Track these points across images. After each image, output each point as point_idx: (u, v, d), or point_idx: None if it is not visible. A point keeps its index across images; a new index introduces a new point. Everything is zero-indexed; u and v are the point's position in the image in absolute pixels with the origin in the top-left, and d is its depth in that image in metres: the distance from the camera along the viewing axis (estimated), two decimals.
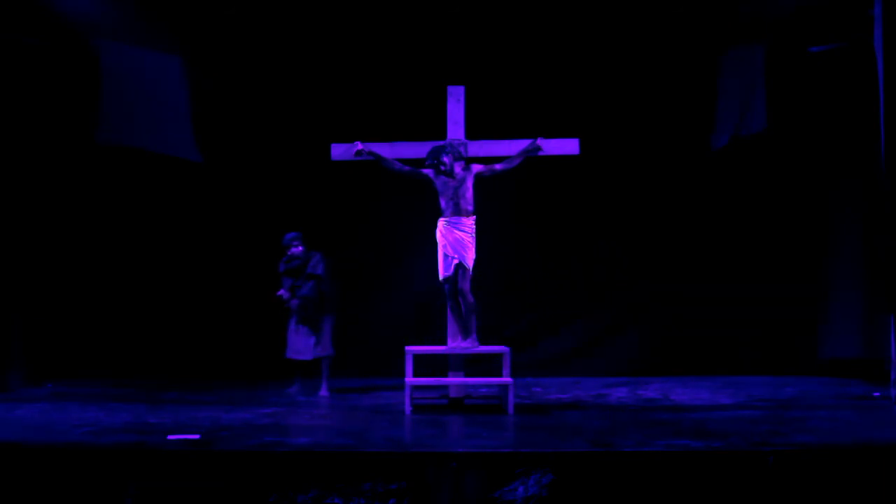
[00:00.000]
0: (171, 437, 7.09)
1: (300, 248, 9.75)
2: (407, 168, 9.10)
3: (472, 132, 9.16)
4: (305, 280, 9.70)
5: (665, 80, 11.06)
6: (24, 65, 10.17)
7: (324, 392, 9.67)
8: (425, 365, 9.34)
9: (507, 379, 8.63)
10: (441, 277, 8.99)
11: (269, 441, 7.00)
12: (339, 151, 9.29)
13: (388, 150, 9.18)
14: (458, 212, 8.86)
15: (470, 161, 9.03)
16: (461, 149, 9.05)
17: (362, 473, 6.44)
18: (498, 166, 9.02)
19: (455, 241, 8.85)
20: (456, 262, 8.86)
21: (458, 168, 8.91)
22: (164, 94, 10.89)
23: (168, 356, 11.42)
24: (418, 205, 10.11)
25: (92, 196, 11.32)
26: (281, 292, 9.77)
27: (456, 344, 9.00)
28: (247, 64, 11.07)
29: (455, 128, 9.14)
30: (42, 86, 10.43)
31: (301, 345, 9.69)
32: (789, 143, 11.25)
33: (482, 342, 9.20)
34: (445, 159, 8.85)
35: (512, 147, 9.10)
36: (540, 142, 9.08)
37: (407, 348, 8.91)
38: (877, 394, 9.30)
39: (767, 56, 10.55)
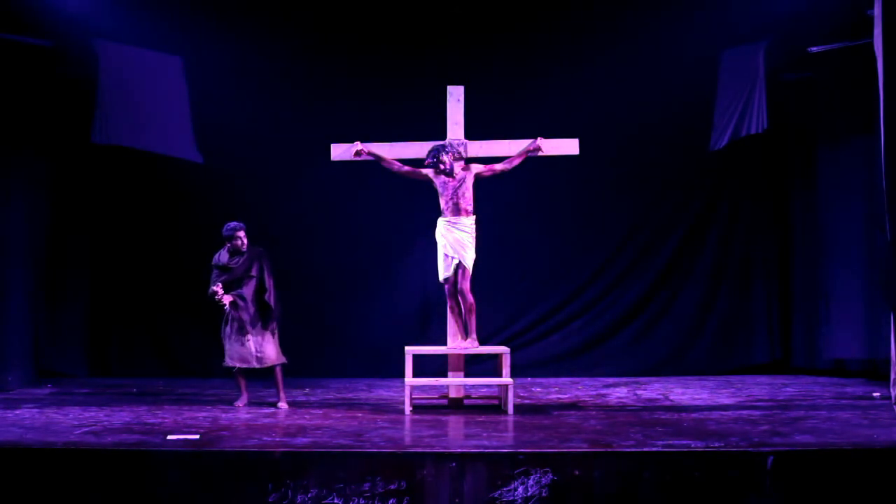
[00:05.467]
0: (171, 437, 7.09)
1: (245, 240, 8.91)
2: (406, 168, 9.09)
3: (472, 132, 9.16)
4: (247, 280, 8.87)
5: (664, 81, 11.06)
6: (23, 64, 10.17)
7: (283, 403, 8.86)
8: (425, 365, 9.34)
9: (507, 379, 8.63)
10: (441, 277, 8.98)
11: (269, 441, 7.00)
12: (339, 151, 9.27)
13: (388, 151, 9.17)
14: (457, 212, 8.85)
15: (470, 161, 9.03)
16: (461, 149, 9.05)
17: (362, 473, 6.44)
18: (498, 166, 9.01)
19: (455, 241, 8.84)
20: (456, 262, 8.85)
21: (457, 168, 8.91)
22: (164, 94, 10.91)
23: (168, 356, 11.45)
24: (418, 205, 10.12)
25: (90, 195, 11.33)
26: (217, 288, 8.79)
27: (456, 344, 8.99)
28: (248, 64, 11.08)
29: (455, 128, 9.13)
30: (41, 85, 10.42)
31: (266, 352, 8.84)
32: (788, 142, 11.28)
33: (482, 342, 9.20)
34: (445, 159, 8.85)
35: (512, 147, 9.09)
36: (540, 142, 9.07)
37: (407, 348, 8.90)
38: (877, 394, 9.30)
39: (767, 56, 10.55)
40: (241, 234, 8.90)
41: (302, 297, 10.73)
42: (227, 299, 8.79)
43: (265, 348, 8.87)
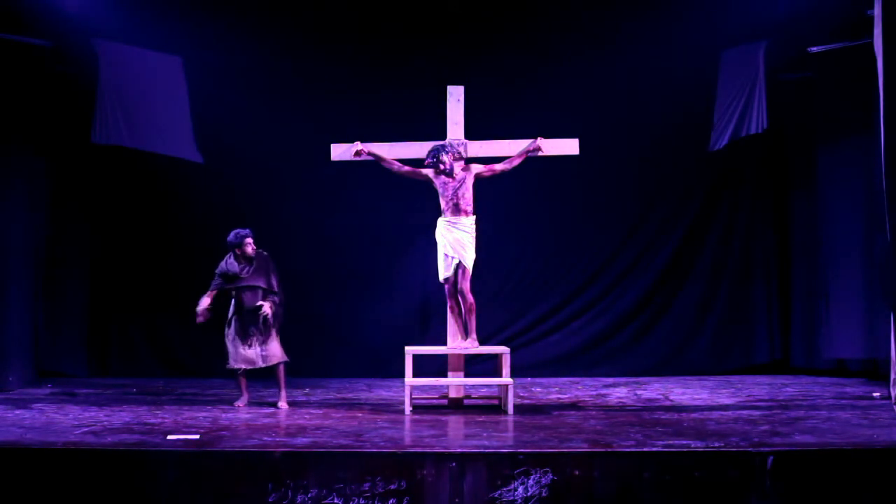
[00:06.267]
0: (171, 437, 7.09)
1: (253, 246, 8.92)
2: (406, 168, 9.09)
3: (472, 132, 9.16)
4: (263, 285, 8.86)
5: (664, 81, 11.06)
6: (23, 64, 10.16)
7: (283, 403, 8.86)
8: (425, 365, 9.34)
9: (507, 379, 8.63)
10: (441, 277, 8.98)
11: (269, 441, 7.00)
12: (339, 151, 9.28)
13: (388, 151, 9.17)
14: (457, 212, 8.85)
15: (470, 161, 9.03)
16: (461, 149, 9.05)
17: (362, 473, 6.44)
18: (498, 166, 9.01)
19: (455, 241, 8.84)
20: (456, 262, 8.85)
21: (457, 168, 8.91)
22: (164, 94, 10.90)
23: (168, 356, 11.45)
24: (418, 205, 10.12)
25: (90, 195, 11.33)
26: (205, 305, 8.80)
27: (456, 344, 8.99)
28: (248, 64, 11.08)
29: (455, 128, 9.13)
30: (41, 85, 10.40)
31: (270, 350, 8.86)
32: (788, 142, 11.28)
33: (482, 342, 9.20)
34: (445, 159, 8.84)
35: (512, 147, 9.09)
36: (540, 142, 9.07)
37: (406, 348, 8.90)
38: (877, 394, 9.30)
39: (767, 56, 10.55)
40: (250, 240, 8.91)
41: (302, 298, 10.70)
42: (268, 308, 8.77)
43: (270, 347, 8.89)
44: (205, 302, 8.89)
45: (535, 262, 11.73)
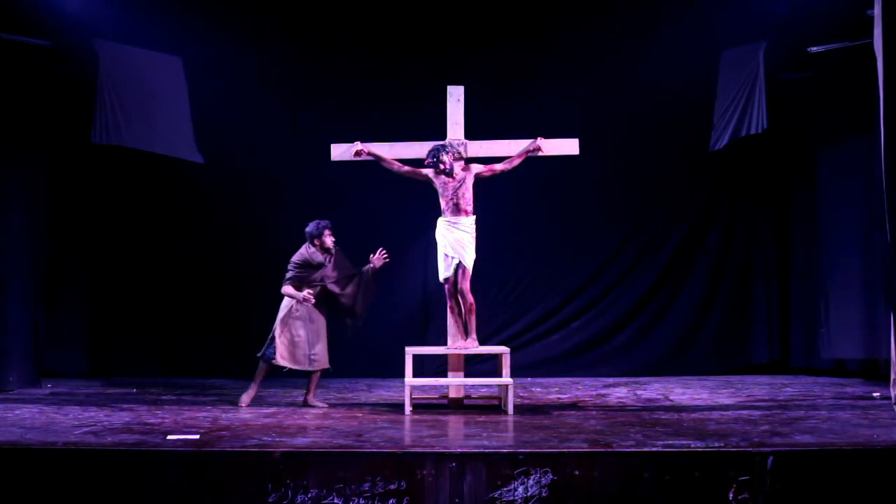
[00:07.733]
0: (171, 437, 7.09)
1: (333, 238, 8.90)
2: (406, 168, 9.09)
3: (472, 132, 9.15)
4: (349, 278, 8.94)
5: (664, 81, 11.06)
6: (23, 64, 10.16)
7: (321, 402, 8.98)
8: (425, 365, 9.33)
9: (507, 379, 8.63)
10: (441, 277, 8.99)
11: (269, 441, 7.00)
12: (339, 151, 9.28)
13: (388, 151, 9.17)
14: (457, 212, 8.85)
15: (470, 161, 9.03)
16: (461, 149, 9.05)
17: (362, 473, 6.44)
18: (498, 166, 9.01)
19: (455, 241, 8.84)
20: (456, 262, 8.86)
21: (457, 168, 8.91)
22: (164, 94, 10.90)
23: (168, 356, 11.45)
24: (418, 205, 10.11)
25: (90, 195, 11.34)
26: (306, 294, 8.68)
27: (456, 344, 8.99)
28: (248, 64, 11.07)
29: (455, 128, 9.13)
30: (41, 85, 10.40)
31: (319, 354, 8.88)
32: (788, 142, 11.28)
33: (482, 342, 9.20)
34: (445, 159, 8.85)
35: (512, 147, 9.09)
36: (540, 142, 9.07)
37: (407, 348, 8.90)
38: (877, 394, 9.30)
39: (767, 56, 10.55)
40: (330, 231, 8.92)
41: None
42: (384, 255, 8.88)
43: (319, 351, 8.87)
44: (307, 293, 8.72)
45: (536, 261, 11.73)
